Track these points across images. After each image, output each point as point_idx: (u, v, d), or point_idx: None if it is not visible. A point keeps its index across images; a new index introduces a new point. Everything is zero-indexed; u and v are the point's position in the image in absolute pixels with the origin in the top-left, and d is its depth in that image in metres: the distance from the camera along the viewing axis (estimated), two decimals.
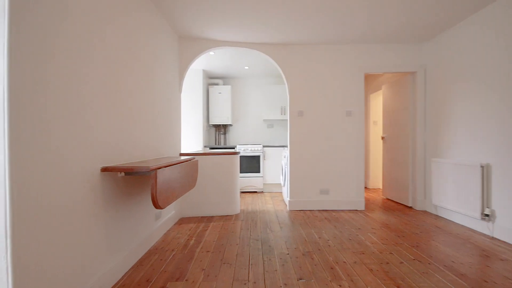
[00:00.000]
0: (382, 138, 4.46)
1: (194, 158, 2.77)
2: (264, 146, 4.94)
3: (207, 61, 4.48)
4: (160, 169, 1.77)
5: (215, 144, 5.55)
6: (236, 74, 5.30)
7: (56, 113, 1.28)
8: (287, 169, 3.84)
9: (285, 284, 1.74)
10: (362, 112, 3.68)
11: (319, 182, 3.68)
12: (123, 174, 1.90)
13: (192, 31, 3.26)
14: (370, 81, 5.37)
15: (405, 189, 3.83)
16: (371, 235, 2.64)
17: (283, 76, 3.72)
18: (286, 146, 4.74)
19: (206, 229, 2.87)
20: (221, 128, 5.57)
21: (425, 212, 3.52)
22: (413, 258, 2.11)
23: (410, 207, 3.76)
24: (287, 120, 5.48)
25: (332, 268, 1.94)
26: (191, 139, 4.75)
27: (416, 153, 3.66)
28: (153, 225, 2.52)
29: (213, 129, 5.59)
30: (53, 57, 1.25)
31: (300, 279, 1.80)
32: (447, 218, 3.18)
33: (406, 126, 3.82)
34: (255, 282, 1.76)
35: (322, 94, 3.69)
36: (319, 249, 2.29)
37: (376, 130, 5.34)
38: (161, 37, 2.78)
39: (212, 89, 5.22)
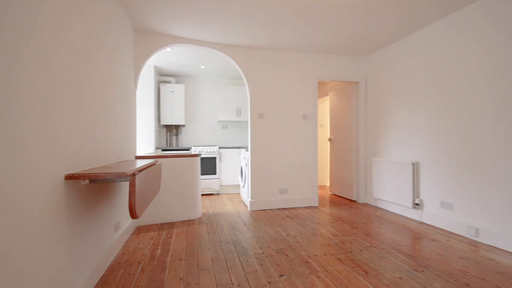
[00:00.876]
0: (329, 139, 4.93)
1: (157, 161, 2.59)
2: (220, 148, 4.90)
3: (159, 56, 4.21)
4: (138, 175, 1.62)
5: (167, 145, 5.25)
6: (190, 73, 5.12)
7: (9, 113, 1.07)
8: (247, 171, 3.90)
9: (269, 282, 1.79)
10: (315, 116, 4.00)
11: (278, 182, 3.85)
12: (87, 181, 1.67)
13: (150, 24, 3.03)
14: (318, 87, 5.84)
15: (349, 185, 4.32)
16: (331, 228, 2.91)
17: (245, 79, 3.78)
18: (242, 148, 4.80)
19: (171, 236, 2.71)
20: (173, 129, 5.29)
21: (366, 204, 4.04)
22: (369, 245, 2.42)
23: (354, 201, 4.26)
24: (242, 121, 5.55)
25: (307, 262, 2.08)
26: (142, 140, 4.39)
27: (359, 153, 4.16)
28: (113, 236, 2.26)
29: (164, 129, 5.27)
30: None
31: (282, 275, 1.88)
32: (385, 208, 3.71)
33: (351, 129, 4.31)
34: (239, 285, 1.77)
35: (281, 97, 3.88)
36: (290, 246, 2.42)
37: (322, 132, 5.86)
38: (118, 27, 2.52)
39: (164, 87, 4.92)
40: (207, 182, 4.80)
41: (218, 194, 4.91)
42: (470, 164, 2.59)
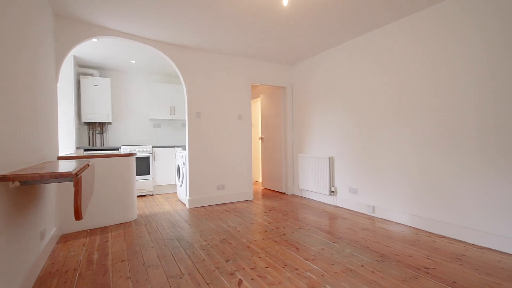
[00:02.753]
0: (261, 138, 5.36)
1: (89, 162, 2.42)
2: (153, 147, 4.73)
3: (81, 46, 3.81)
4: (81, 174, 1.57)
5: (90, 145, 4.74)
6: (118, 67, 4.75)
7: None
8: (185, 169, 3.93)
9: (217, 268, 1.98)
10: (249, 116, 4.33)
11: (216, 179, 4.02)
12: (17, 183, 1.52)
13: (74, 11, 2.77)
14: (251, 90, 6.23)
15: (279, 179, 4.83)
16: (266, 217, 3.27)
17: (181, 78, 3.80)
18: (178, 146, 4.76)
19: (106, 241, 2.57)
20: (97, 127, 4.81)
21: (294, 195, 4.60)
22: (298, 227, 2.86)
23: (284, 193, 4.78)
24: (177, 120, 5.46)
25: (248, 247, 2.35)
26: (61, 139, 3.87)
27: (287, 150, 4.70)
28: (39, 246, 2.04)
29: (86, 127, 4.74)
30: None
31: (228, 260, 2.09)
32: (309, 197, 4.33)
33: (279, 129, 4.82)
34: (190, 274, 1.89)
35: (217, 98, 4.05)
36: (232, 236, 2.64)
37: (254, 132, 6.28)
38: (35, 12, 2.25)
39: (86, 80, 4.44)
40: (140, 183, 4.57)
41: (152, 195, 4.74)
42: (370, 158, 3.33)
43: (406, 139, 2.91)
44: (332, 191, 3.85)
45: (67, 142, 3.93)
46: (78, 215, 1.51)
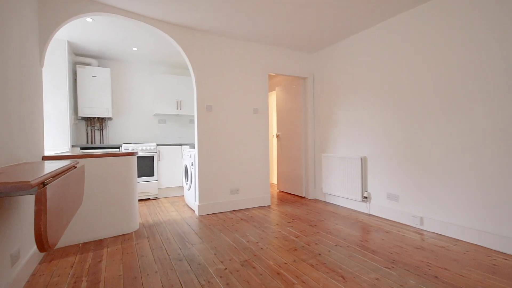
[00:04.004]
0: (277, 136, 4.82)
1: (77, 162, 1.93)
2: (158, 145, 4.24)
3: (75, 30, 3.32)
4: (50, 184, 1.06)
5: (89, 142, 4.27)
6: (119, 55, 4.26)
7: None
8: (194, 171, 3.43)
9: None
10: (267, 110, 3.80)
11: (229, 182, 3.50)
12: None
13: None
14: None
15: (298, 181, 4.29)
16: (290, 228, 2.74)
17: (190, 66, 3.28)
18: (185, 145, 4.26)
19: (100, 260, 2.08)
20: (96, 123, 4.34)
21: (316, 200, 4.07)
22: (334, 244, 2.32)
23: (304, 197, 4.25)
24: (184, 115, 4.95)
25: (278, 274, 1.83)
26: (53, 136, 3.40)
27: (307, 149, 4.16)
28: (10, 273, 1.55)
29: (83, 123, 4.27)
30: None
31: None
32: (335, 203, 3.79)
33: (298, 125, 4.28)
34: None
35: (230, 89, 3.52)
36: (255, 255, 2.13)
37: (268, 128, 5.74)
38: None
39: (83, 70, 3.96)
40: (143, 186, 4.09)
41: (156, 198, 4.25)
42: (413, 158, 2.78)
43: (465, 135, 2.35)
44: (365, 197, 3.30)
45: (60, 139, 3.46)
46: (41, 245, 1.00)
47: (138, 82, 4.67)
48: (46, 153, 2.65)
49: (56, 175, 1.28)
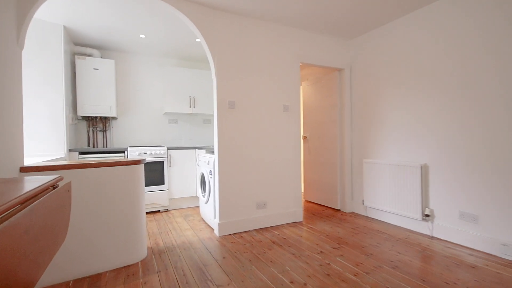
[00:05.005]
0: (304, 137, 4.20)
1: (59, 178, 1.34)
2: (169, 149, 3.67)
3: (73, 13, 2.77)
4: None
5: (90, 146, 3.73)
6: (124, 45, 3.70)
7: None
8: (212, 180, 2.83)
9: None
10: (299, 107, 3.18)
11: (255, 194, 2.90)
12: None
13: None
14: None
15: (331, 191, 3.65)
16: (341, 259, 2.12)
17: (209, 53, 2.69)
18: (200, 148, 3.68)
19: None
20: (99, 123, 3.80)
21: (354, 214, 3.43)
22: (404, 285, 1.69)
23: (338, 210, 3.61)
24: (198, 114, 4.36)
25: None
26: (45, 139, 2.86)
27: (344, 154, 3.52)
28: None
29: (84, 123, 3.73)
30: None
31: None
32: (380, 219, 3.14)
33: (332, 125, 3.64)
34: None
35: (257, 82, 2.92)
36: None
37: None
38: None
39: (83, 62, 3.42)
40: (152, 196, 3.52)
41: (167, 210, 3.68)
42: (496, 166, 2.12)
43: None
44: (427, 215, 2.64)
45: (54, 143, 2.92)
46: None
47: (146, 76, 4.11)
48: (31, 161, 2.09)
49: (12, 207, 0.69)
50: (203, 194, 3.14)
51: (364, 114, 3.35)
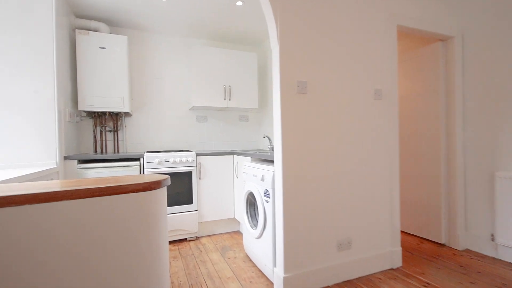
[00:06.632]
0: None
1: None
2: (198, 155, 2.71)
3: None
4: None
5: (97, 151, 2.85)
6: (139, 16, 2.79)
7: None
8: (271, 206, 1.82)
9: None
10: (394, 92, 2.09)
11: (335, 226, 1.85)
12: None
13: None
14: None
15: (433, 217, 2.52)
16: None
17: (268, 4, 1.68)
18: (240, 154, 2.67)
19: None
20: (108, 121, 2.92)
21: (471, 252, 2.28)
22: None
23: (443, 245, 2.48)
24: (234, 109, 3.36)
25: None
26: (26, 142, 1.99)
27: (453, 163, 2.38)
28: None
29: (90, 121, 2.86)
30: None
31: None
32: None
33: (433, 121, 2.52)
34: None
35: (336, 54, 1.88)
36: None
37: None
38: None
39: (86, 39, 2.54)
40: (175, 220, 2.57)
41: (196, 238, 2.71)
42: None
43: None
44: None
45: (39, 148, 2.03)
46: None
47: (168, 60, 3.19)
48: None
49: None
50: (253, 224, 2.13)
51: (486, 104, 2.21)
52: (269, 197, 1.84)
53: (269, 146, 3.06)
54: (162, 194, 1.23)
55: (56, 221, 0.81)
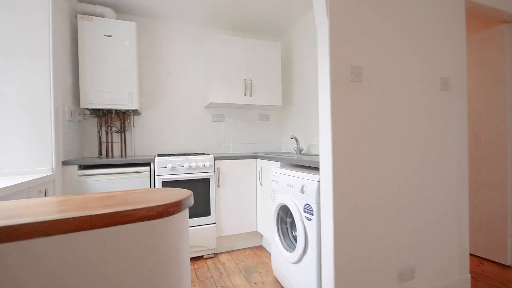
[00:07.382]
0: None
1: None
2: (216, 159, 2.35)
3: None
4: None
5: (102, 154, 2.52)
6: (150, 1, 2.46)
7: None
8: (315, 224, 1.44)
9: None
10: (463, 82, 1.70)
11: (394, 252, 1.46)
12: None
13: None
14: None
15: (497, 233, 2.10)
16: None
17: None
18: (262, 157, 2.30)
19: None
20: (115, 120, 2.59)
21: None
22: None
23: (509, 267, 2.05)
24: (255, 107, 2.98)
25: None
26: (15, 145, 1.66)
27: None
28: None
29: (94, 120, 2.54)
30: None
31: None
32: None
33: (497, 117, 2.11)
34: None
35: (395, 36, 1.49)
36: None
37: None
38: None
39: (88, 25, 2.22)
40: (191, 234, 2.21)
41: (214, 256, 2.35)
42: None
43: None
44: None
45: (30, 152, 1.71)
46: None
47: (181, 50, 2.85)
48: None
49: None
50: (286, 245, 1.76)
51: None
52: (311, 214, 1.46)
53: (295, 149, 2.69)
54: (183, 219, 0.88)
55: (88, 246, 0.46)
